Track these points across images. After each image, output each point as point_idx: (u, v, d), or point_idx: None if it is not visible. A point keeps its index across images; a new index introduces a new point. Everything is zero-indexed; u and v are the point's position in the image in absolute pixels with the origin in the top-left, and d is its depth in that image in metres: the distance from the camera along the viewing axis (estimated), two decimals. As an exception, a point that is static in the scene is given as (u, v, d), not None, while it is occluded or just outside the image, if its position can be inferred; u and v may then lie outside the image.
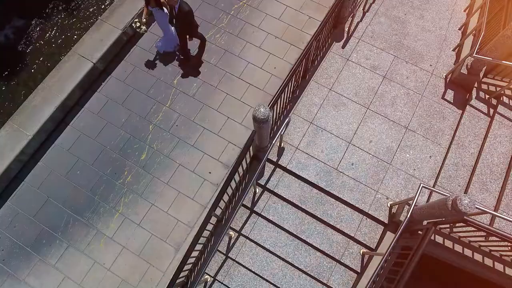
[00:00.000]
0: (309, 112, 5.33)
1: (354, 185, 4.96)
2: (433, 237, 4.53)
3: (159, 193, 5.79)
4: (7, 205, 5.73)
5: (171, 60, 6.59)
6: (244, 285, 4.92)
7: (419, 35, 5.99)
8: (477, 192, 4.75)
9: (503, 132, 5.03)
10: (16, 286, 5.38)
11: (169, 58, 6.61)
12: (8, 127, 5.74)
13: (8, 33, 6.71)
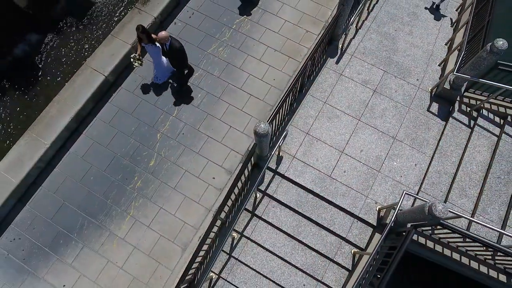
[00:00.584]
0: (305, 123, 5.83)
1: (346, 190, 5.47)
2: (417, 238, 5.05)
3: (167, 197, 6.26)
4: (26, 208, 6.19)
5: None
6: (246, 282, 5.42)
7: (407, 51, 6.50)
8: (457, 197, 5.26)
9: (481, 143, 5.55)
10: (36, 284, 5.85)
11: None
12: (27, 137, 6.22)
13: (24, 47, 7.17)
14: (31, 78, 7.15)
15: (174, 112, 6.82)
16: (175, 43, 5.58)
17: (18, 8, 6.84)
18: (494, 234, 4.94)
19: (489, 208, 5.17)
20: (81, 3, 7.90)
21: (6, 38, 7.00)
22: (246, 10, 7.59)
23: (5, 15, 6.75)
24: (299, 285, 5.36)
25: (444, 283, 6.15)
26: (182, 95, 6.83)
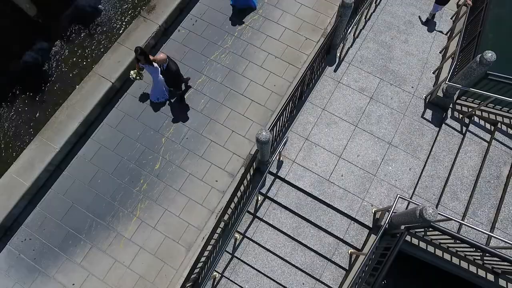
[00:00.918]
0: (305, 129, 6.11)
1: (343, 194, 5.76)
2: (410, 240, 5.34)
3: (171, 200, 6.53)
4: (37, 210, 6.46)
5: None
6: (248, 281, 5.70)
7: (403, 59, 6.78)
8: (449, 200, 5.55)
9: (473, 148, 5.84)
10: (46, 283, 6.12)
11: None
12: (37, 141, 6.49)
13: (33, 55, 7.44)
14: (40, 84, 7.42)
15: (178, 118, 7.09)
16: (172, 66, 5.80)
17: (27, 17, 7.10)
18: (483, 235, 5.22)
19: (479, 211, 5.46)
20: (88, 11, 8.17)
21: (16, 46, 7.26)
22: (243, 17, 7.85)
23: (15, 23, 7.00)
24: (299, 284, 5.64)
25: (436, 282, 6.43)
26: (182, 107, 7.03)
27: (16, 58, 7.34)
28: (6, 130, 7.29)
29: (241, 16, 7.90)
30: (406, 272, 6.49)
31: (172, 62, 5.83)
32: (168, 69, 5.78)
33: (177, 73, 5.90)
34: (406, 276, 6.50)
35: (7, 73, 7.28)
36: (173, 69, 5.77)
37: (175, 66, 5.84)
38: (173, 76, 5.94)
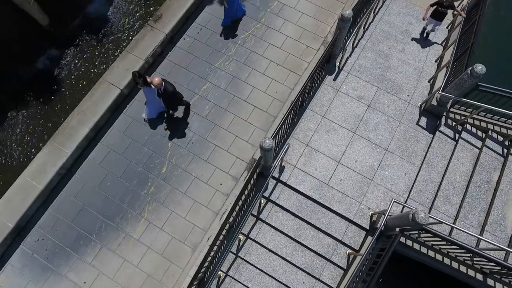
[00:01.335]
0: (305, 136, 6.44)
1: (342, 197, 6.09)
2: (405, 241, 5.67)
3: (178, 202, 6.86)
4: (49, 212, 6.78)
5: (183, 86, 7.65)
6: (251, 280, 6.03)
7: (400, 68, 7.11)
8: (441, 204, 5.89)
9: (465, 155, 6.17)
10: (59, 281, 6.44)
11: (183, 86, 7.67)
12: (49, 146, 6.81)
13: (45, 62, 7.74)
14: (52, 90, 7.74)
15: (184, 123, 7.41)
16: (168, 87, 6.06)
17: (40, 26, 7.41)
18: (474, 237, 5.56)
19: (470, 214, 5.80)
20: (97, 20, 8.49)
21: (29, 53, 7.58)
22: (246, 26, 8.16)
23: (29, 33, 7.31)
24: (299, 283, 5.98)
25: (430, 283, 6.77)
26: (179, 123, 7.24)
27: (29, 65, 7.65)
28: (20, 135, 7.61)
29: (244, 25, 8.21)
30: (401, 273, 6.82)
31: (169, 84, 6.10)
32: (165, 91, 6.06)
33: (174, 93, 6.15)
34: (400, 277, 6.83)
35: (20, 80, 7.60)
36: (170, 90, 6.05)
37: (172, 87, 6.11)
38: (170, 97, 6.20)
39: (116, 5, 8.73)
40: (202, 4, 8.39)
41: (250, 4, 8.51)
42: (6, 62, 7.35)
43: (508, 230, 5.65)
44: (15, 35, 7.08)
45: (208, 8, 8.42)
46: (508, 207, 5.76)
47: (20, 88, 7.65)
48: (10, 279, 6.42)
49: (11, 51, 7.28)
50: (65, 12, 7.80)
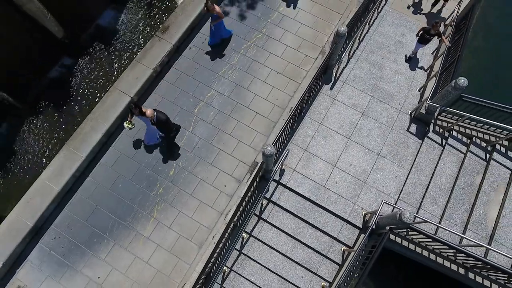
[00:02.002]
0: (304, 141, 7.00)
1: (337, 198, 6.65)
2: (394, 238, 6.24)
3: (184, 202, 7.39)
4: (64, 212, 7.29)
5: (189, 94, 8.17)
6: (253, 274, 6.59)
7: (392, 77, 7.66)
8: (428, 205, 6.46)
9: (450, 159, 6.74)
10: (75, 276, 6.96)
11: (189, 93, 8.20)
12: (65, 150, 7.33)
13: (59, 70, 8.25)
14: (66, 97, 8.25)
15: (190, 128, 7.94)
16: (161, 117, 6.50)
17: (55, 37, 7.91)
18: (457, 235, 6.12)
19: (454, 214, 6.37)
20: (108, 31, 8.99)
21: (44, 63, 8.09)
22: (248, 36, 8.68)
23: (44, 44, 7.82)
24: (298, 277, 6.53)
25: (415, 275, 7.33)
26: (171, 148, 7.66)
27: (45, 74, 8.16)
28: (37, 140, 8.13)
29: (246, 35, 8.74)
30: (389, 268, 7.38)
31: (161, 113, 6.51)
32: (158, 120, 6.47)
33: (166, 122, 6.58)
34: (388, 272, 7.39)
35: (36, 87, 8.11)
36: (163, 120, 6.47)
37: (164, 116, 6.52)
38: (163, 125, 6.62)
39: (125, 17, 9.25)
40: (206, 15, 8.90)
41: (252, 14, 9.04)
42: (24, 72, 7.86)
43: (489, 228, 6.22)
44: (32, 47, 7.58)
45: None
46: (489, 207, 6.34)
47: (37, 96, 8.15)
48: (30, 274, 6.93)
49: (29, 61, 7.78)
50: (78, 23, 8.31)
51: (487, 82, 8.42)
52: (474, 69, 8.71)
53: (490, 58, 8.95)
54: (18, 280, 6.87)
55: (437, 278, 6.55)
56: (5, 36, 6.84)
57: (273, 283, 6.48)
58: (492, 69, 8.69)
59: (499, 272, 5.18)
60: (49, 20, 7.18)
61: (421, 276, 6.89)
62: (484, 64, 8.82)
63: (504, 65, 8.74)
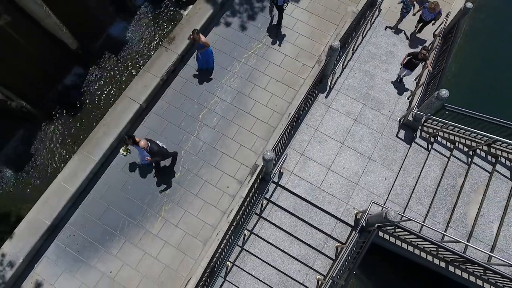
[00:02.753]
0: (301, 146, 7.64)
1: (331, 199, 7.30)
2: (383, 235, 6.89)
3: (190, 202, 8.00)
4: (79, 211, 7.89)
5: (194, 100, 8.78)
6: (254, 269, 7.22)
7: (383, 86, 8.30)
8: (414, 204, 7.11)
9: (435, 163, 7.39)
10: (89, 271, 7.55)
11: (194, 99, 8.81)
12: (79, 154, 7.94)
13: (72, 79, 8.85)
14: (79, 104, 8.88)
15: (195, 133, 8.56)
16: (153, 147, 6.89)
17: (69, 48, 8.52)
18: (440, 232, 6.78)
19: (438, 213, 7.03)
20: (117, 41, 9.60)
21: (58, 72, 8.70)
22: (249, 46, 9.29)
23: (59, 54, 8.42)
24: (295, 270, 7.18)
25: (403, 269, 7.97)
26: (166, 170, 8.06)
27: (58, 82, 8.78)
28: (52, 144, 8.74)
29: (247, 45, 9.35)
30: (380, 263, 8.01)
31: (154, 144, 6.95)
32: (151, 151, 6.94)
33: (159, 152, 7.06)
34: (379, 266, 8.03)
35: (51, 95, 8.73)
36: (155, 150, 6.95)
37: (156, 147, 7.00)
38: (155, 155, 7.08)
39: (134, 29, 9.86)
40: (210, 26, 9.52)
41: (252, 25, 9.65)
42: (40, 80, 8.46)
43: (469, 226, 6.88)
44: (49, 57, 8.18)
45: (215, 29, 9.54)
46: (469, 207, 7.00)
47: (52, 103, 8.77)
48: (47, 269, 7.54)
49: (45, 70, 8.38)
50: (89, 34, 8.92)
51: (472, 91, 9.10)
52: (460, 78, 9.39)
53: (475, 68, 9.64)
54: (36, 275, 7.47)
55: (423, 272, 7.19)
56: (25, 49, 7.44)
57: (272, 277, 7.12)
58: (477, 79, 9.38)
59: (475, 265, 5.84)
60: (64, 33, 7.78)
61: (409, 271, 7.52)
62: (469, 73, 9.50)
63: (489, 75, 9.42)
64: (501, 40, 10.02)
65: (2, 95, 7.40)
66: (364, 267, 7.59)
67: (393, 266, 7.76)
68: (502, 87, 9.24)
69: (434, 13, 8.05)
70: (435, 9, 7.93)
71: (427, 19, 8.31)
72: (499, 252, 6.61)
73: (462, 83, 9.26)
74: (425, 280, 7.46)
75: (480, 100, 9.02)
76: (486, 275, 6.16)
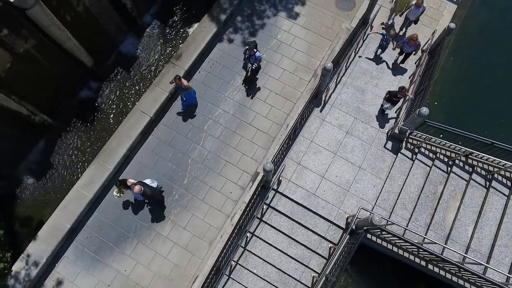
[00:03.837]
0: (297, 156, 8.50)
1: (325, 204, 8.17)
2: (371, 237, 7.77)
3: (197, 207, 8.84)
4: (95, 215, 8.70)
5: (199, 112, 9.61)
6: (256, 267, 8.07)
7: (373, 100, 9.16)
8: (399, 209, 8.00)
9: (419, 171, 8.28)
10: (105, 269, 8.35)
11: (197, 109, 9.64)
12: (95, 163, 8.75)
13: (87, 93, 9.68)
14: (94, 116, 9.70)
15: (201, 143, 9.39)
16: (147, 191, 7.48)
17: (86, 66, 9.31)
18: (421, 233, 7.67)
19: (420, 217, 7.92)
20: (128, 58, 10.39)
21: (74, 86, 9.50)
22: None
23: (76, 71, 9.22)
24: (292, 269, 8.03)
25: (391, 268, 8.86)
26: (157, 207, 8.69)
27: (75, 96, 9.58)
28: (70, 154, 9.57)
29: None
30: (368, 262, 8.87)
31: (148, 188, 7.57)
32: (145, 194, 7.57)
33: (152, 195, 7.76)
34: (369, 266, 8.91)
35: (69, 109, 9.54)
36: (149, 194, 7.64)
37: (150, 191, 7.66)
38: (149, 197, 7.79)
39: (143, 46, 10.65)
40: (214, 42, 10.33)
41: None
42: (59, 96, 9.26)
43: (447, 229, 7.77)
44: (67, 75, 8.96)
45: (219, 45, 10.35)
46: (448, 212, 7.89)
47: (67, 115, 9.58)
48: (67, 268, 8.36)
49: (64, 87, 9.16)
50: (102, 51, 9.72)
51: (455, 106, 10.03)
52: (444, 94, 10.29)
53: (459, 86, 10.56)
54: (57, 273, 8.30)
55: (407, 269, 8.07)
56: (47, 68, 8.24)
57: (272, 274, 7.99)
58: (460, 96, 10.31)
59: (449, 264, 6.72)
60: (82, 53, 8.57)
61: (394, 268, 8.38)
62: (452, 90, 10.42)
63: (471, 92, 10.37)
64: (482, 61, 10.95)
65: (27, 111, 8.20)
66: (354, 265, 8.47)
67: (380, 264, 8.64)
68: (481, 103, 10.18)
69: (414, 45, 8.61)
70: (416, 41, 8.47)
71: (408, 52, 8.93)
72: (472, 252, 7.51)
73: (445, 98, 10.16)
74: (409, 275, 8.35)
75: (462, 113, 9.94)
76: (460, 272, 7.05)
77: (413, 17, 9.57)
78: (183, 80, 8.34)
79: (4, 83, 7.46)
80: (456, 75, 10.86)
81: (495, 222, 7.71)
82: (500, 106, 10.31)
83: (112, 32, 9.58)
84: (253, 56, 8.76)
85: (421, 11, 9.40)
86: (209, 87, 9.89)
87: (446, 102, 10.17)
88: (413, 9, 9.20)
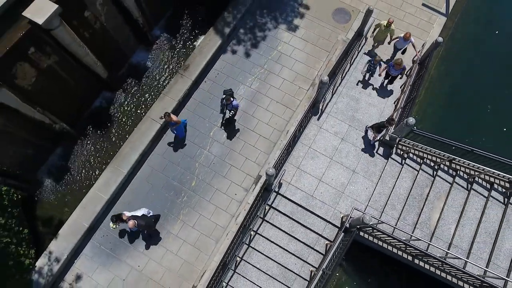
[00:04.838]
0: (297, 161, 9.34)
1: (321, 205, 9.02)
2: (363, 235, 8.63)
3: (204, 207, 9.65)
4: (111, 215, 9.54)
5: (205, 119, 10.41)
6: (259, 262, 8.90)
7: (366, 109, 10.00)
8: (389, 210, 8.86)
9: (407, 175, 9.14)
10: (120, 265, 9.14)
11: (206, 119, 10.45)
12: (111, 167, 9.55)
13: (101, 102, 10.47)
14: (108, 123, 10.51)
15: (207, 148, 10.21)
16: (141, 223, 8.16)
17: (101, 78, 10.10)
18: (409, 231, 8.55)
19: (408, 217, 8.78)
20: (138, 68, 11.18)
21: (88, 95, 10.30)
22: (252, 71, 10.91)
23: (92, 82, 10.01)
24: (292, 264, 8.88)
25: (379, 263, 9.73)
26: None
27: (88, 104, 10.39)
28: (87, 159, 10.38)
29: (251, 70, 10.97)
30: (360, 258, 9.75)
31: (141, 220, 8.25)
32: (139, 226, 8.30)
33: (146, 225, 8.35)
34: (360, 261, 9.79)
35: (84, 116, 10.34)
36: (143, 225, 8.36)
37: (143, 222, 8.26)
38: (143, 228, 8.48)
39: (153, 58, 11.44)
40: (218, 54, 11.12)
41: (255, 53, 11.26)
42: (76, 106, 10.05)
43: (431, 227, 8.65)
44: (84, 86, 9.76)
45: (223, 56, 11.14)
46: (433, 212, 8.76)
47: (83, 122, 10.39)
48: (85, 264, 9.16)
49: (81, 97, 9.94)
50: (115, 63, 10.50)
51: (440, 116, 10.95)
52: (431, 102, 11.18)
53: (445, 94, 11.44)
54: (76, 269, 9.10)
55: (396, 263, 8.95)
56: (66, 81, 9.04)
57: (273, 269, 8.83)
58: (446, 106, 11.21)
59: (434, 259, 7.59)
60: (98, 66, 9.36)
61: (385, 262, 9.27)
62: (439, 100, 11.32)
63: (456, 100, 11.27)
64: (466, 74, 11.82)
65: (49, 120, 8.99)
66: (348, 260, 9.35)
67: (372, 259, 9.53)
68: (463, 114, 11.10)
69: (400, 69, 9.23)
70: (401, 65, 9.08)
71: (394, 75, 9.57)
72: (454, 248, 8.38)
73: (432, 108, 11.05)
74: (398, 268, 9.24)
75: (446, 122, 10.83)
76: (443, 266, 7.93)
77: (400, 46, 10.17)
78: (172, 115, 8.88)
79: (29, 95, 8.25)
80: (442, 87, 11.75)
81: (475, 221, 8.58)
82: (480, 116, 11.21)
83: (124, 45, 10.36)
84: (230, 105, 9.15)
85: (408, 43, 9.77)
86: (214, 95, 10.68)
87: (432, 112, 11.08)
88: (400, 41, 9.81)
